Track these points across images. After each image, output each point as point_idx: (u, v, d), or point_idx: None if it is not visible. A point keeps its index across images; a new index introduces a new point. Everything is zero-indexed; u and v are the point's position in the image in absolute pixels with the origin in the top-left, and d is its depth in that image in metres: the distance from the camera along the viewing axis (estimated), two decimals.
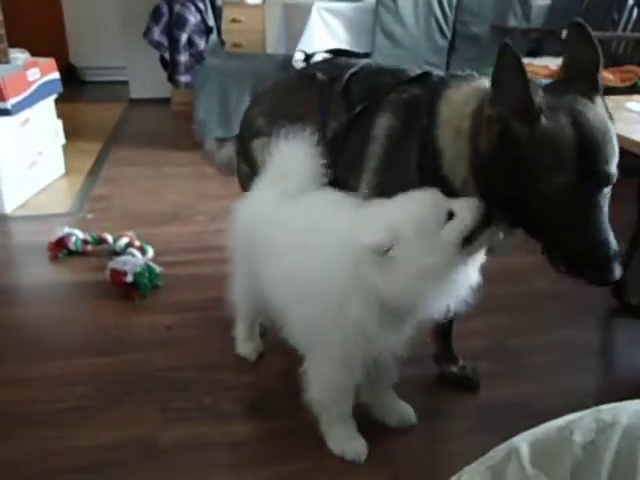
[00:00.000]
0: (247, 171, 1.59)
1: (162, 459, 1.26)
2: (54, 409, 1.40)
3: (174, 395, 1.45)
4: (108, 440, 1.31)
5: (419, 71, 1.29)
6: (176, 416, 1.38)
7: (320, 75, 1.41)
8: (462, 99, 1.15)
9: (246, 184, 1.62)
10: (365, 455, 1.25)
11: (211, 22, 3.61)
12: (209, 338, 1.68)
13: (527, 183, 1.00)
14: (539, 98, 1.00)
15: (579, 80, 1.04)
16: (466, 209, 1.05)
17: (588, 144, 0.98)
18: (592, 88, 1.03)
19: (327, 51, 1.51)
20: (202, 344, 1.65)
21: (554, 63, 3.02)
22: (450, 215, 1.05)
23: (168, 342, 1.67)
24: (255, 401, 1.44)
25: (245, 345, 1.59)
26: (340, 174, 1.32)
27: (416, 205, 1.06)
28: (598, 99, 1.04)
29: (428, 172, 1.16)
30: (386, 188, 1.22)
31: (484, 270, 1.22)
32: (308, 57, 1.57)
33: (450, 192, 1.12)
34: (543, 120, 0.99)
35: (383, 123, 1.26)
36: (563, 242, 1.02)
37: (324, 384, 1.21)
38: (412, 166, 1.19)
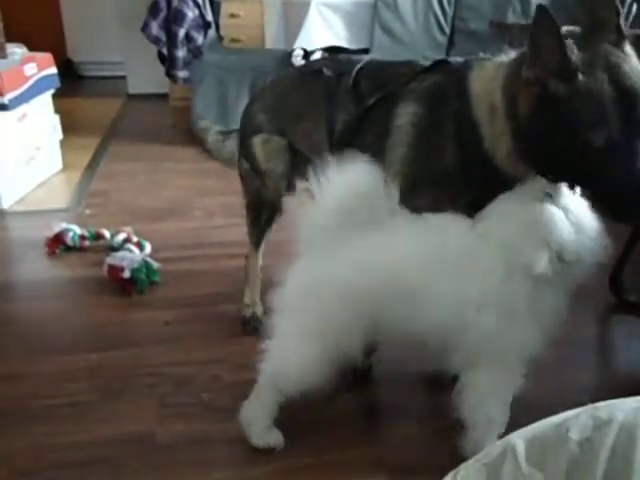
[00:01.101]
0: (247, 167, 1.59)
1: (160, 455, 1.26)
2: (51, 404, 1.39)
3: (172, 391, 1.45)
4: (105, 436, 1.30)
5: (432, 60, 1.30)
6: (174, 412, 1.38)
7: (327, 71, 1.40)
8: (490, 74, 1.18)
9: (247, 181, 1.62)
10: None
11: (209, 17, 3.60)
12: (207, 334, 1.68)
13: (571, 139, 1.03)
14: (575, 56, 1.03)
15: (604, 31, 1.08)
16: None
17: (626, 97, 1.02)
18: (620, 37, 1.07)
19: (325, 49, 1.51)
20: (200, 340, 1.65)
21: None
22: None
23: (166, 338, 1.67)
24: None
25: (270, 434, 1.26)
26: None
27: (535, 208, 1.09)
28: (628, 47, 1.08)
29: (468, 153, 1.18)
30: (419, 178, 1.23)
31: None
32: (307, 54, 1.57)
33: (492, 168, 1.15)
34: (580, 77, 1.02)
35: (407, 112, 1.25)
36: (611, 189, 1.05)
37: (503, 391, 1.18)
38: (447, 153, 1.20)
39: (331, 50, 1.51)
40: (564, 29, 1.05)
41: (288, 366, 1.20)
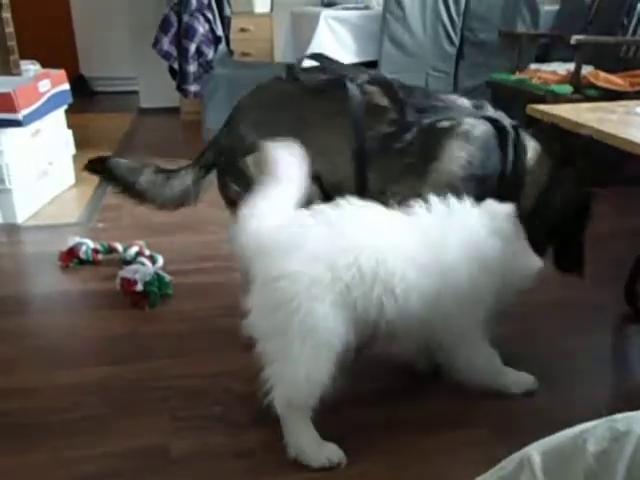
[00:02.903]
0: (237, 190, 1.52)
1: (172, 468, 1.26)
2: (65, 418, 1.40)
3: (184, 404, 1.45)
4: (118, 449, 1.30)
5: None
6: (186, 425, 1.38)
7: (349, 84, 1.47)
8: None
9: (237, 205, 1.39)
10: None
11: (220, 32, 3.63)
12: (219, 347, 1.67)
13: None
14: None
15: None
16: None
17: None
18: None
19: (310, 56, 1.47)
20: (212, 353, 1.65)
21: (563, 69, 3.01)
22: None
23: (178, 351, 1.67)
24: (265, 410, 1.43)
25: (328, 448, 1.25)
26: (377, 182, 1.48)
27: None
28: None
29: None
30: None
31: None
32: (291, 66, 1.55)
33: None
34: None
35: (459, 153, 1.45)
36: None
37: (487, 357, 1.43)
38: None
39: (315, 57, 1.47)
40: None
41: (299, 382, 1.21)
